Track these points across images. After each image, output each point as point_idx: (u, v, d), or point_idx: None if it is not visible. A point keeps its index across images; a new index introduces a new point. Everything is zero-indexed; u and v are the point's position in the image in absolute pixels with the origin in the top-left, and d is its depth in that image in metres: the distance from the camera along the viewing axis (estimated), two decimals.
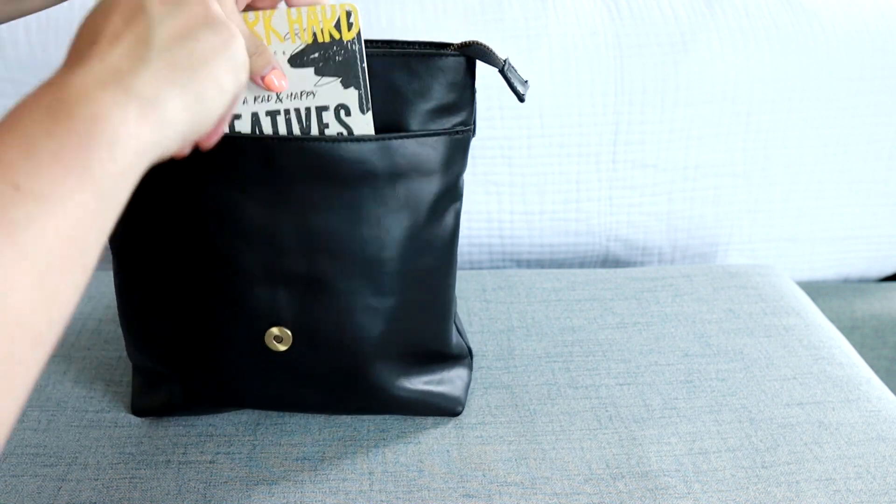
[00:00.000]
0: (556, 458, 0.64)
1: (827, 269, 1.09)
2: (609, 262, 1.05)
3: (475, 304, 0.84)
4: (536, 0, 0.96)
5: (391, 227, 0.58)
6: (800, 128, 0.99)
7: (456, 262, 0.64)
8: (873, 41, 0.98)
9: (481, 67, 0.63)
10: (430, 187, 0.59)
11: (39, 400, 0.69)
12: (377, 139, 0.56)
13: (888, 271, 1.12)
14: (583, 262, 1.05)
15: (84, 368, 0.73)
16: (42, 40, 0.90)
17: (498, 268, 1.04)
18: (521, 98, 0.57)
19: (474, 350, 0.76)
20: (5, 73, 0.91)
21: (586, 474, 0.63)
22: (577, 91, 0.94)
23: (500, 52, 0.92)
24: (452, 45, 0.57)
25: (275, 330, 0.59)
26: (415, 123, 0.57)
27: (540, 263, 1.04)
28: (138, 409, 0.68)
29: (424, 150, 0.58)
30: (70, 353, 0.75)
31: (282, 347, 0.60)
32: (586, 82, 0.94)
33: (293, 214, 0.56)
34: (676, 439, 0.66)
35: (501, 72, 0.56)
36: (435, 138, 0.58)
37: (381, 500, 0.60)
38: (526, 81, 0.58)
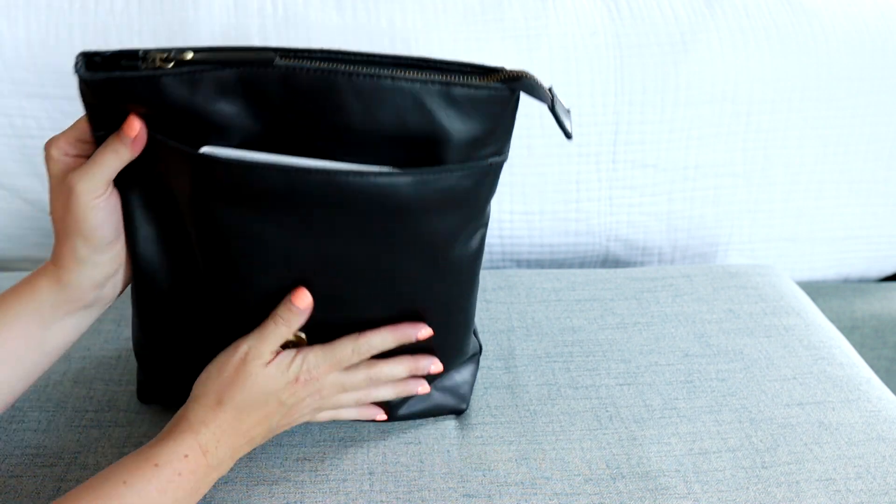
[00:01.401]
0: (556, 458, 0.64)
1: (827, 269, 1.09)
2: (609, 262, 1.05)
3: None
4: (536, 0, 0.96)
5: (416, 256, 0.56)
6: (800, 128, 0.99)
7: (478, 280, 0.62)
8: (873, 41, 0.98)
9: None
10: (459, 217, 0.56)
11: (39, 400, 0.69)
12: (413, 174, 0.52)
13: (888, 271, 1.12)
14: (583, 262, 1.05)
15: (84, 368, 0.73)
16: (42, 40, 0.90)
17: (498, 268, 1.04)
18: (568, 135, 0.52)
19: None
20: (5, 73, 0.91)
21: (586, 474, 0.63)
22: (577, 91, 0.94)
23: (501, 52, 0.92)
24: (499, 71, 0.52)
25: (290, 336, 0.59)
26: (451, 154, 0.53)
27: (540, 263, 1.03)
28: (143, 397, 0.68)
29: (458, 182, 0.54)
30: (70, 353, 0.75)
31: None
32: (586, 82, 0.94)
33: (314, 241, 0.54)
34: (676, 439, 0.66)
35: (551, 108, 0.52)
36: (470, 170, 0.54)
37: (382, 501, 0.60)
38: (569, 111, 0.54)
